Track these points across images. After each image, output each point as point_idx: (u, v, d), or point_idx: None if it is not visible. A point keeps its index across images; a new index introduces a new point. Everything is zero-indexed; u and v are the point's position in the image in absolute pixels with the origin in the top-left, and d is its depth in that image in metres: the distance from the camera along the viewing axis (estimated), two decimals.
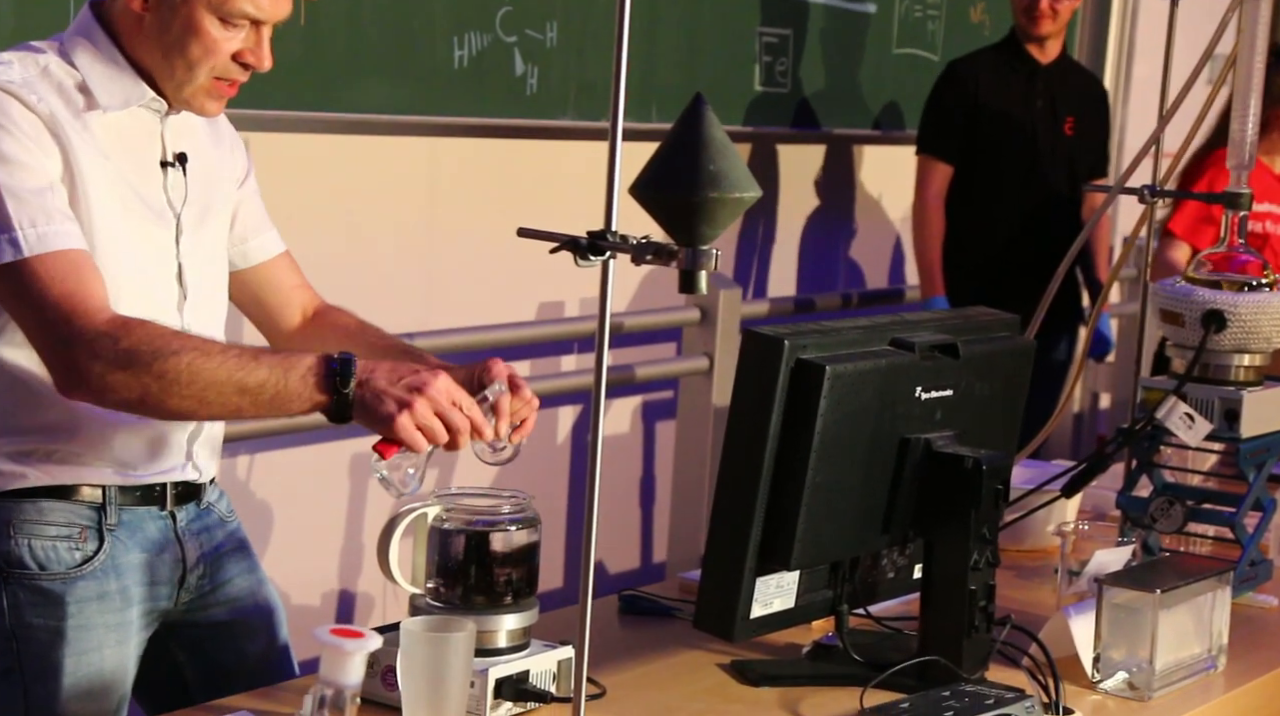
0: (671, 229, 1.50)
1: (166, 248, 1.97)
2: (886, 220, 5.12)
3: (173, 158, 1.98)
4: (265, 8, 1.90)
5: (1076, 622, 2.05)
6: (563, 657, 1.89)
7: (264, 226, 2.16)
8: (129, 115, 1.93)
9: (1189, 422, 2.35)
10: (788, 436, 1.87)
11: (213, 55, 1.89)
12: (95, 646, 1.92)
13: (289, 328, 2.17)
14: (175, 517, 2.01)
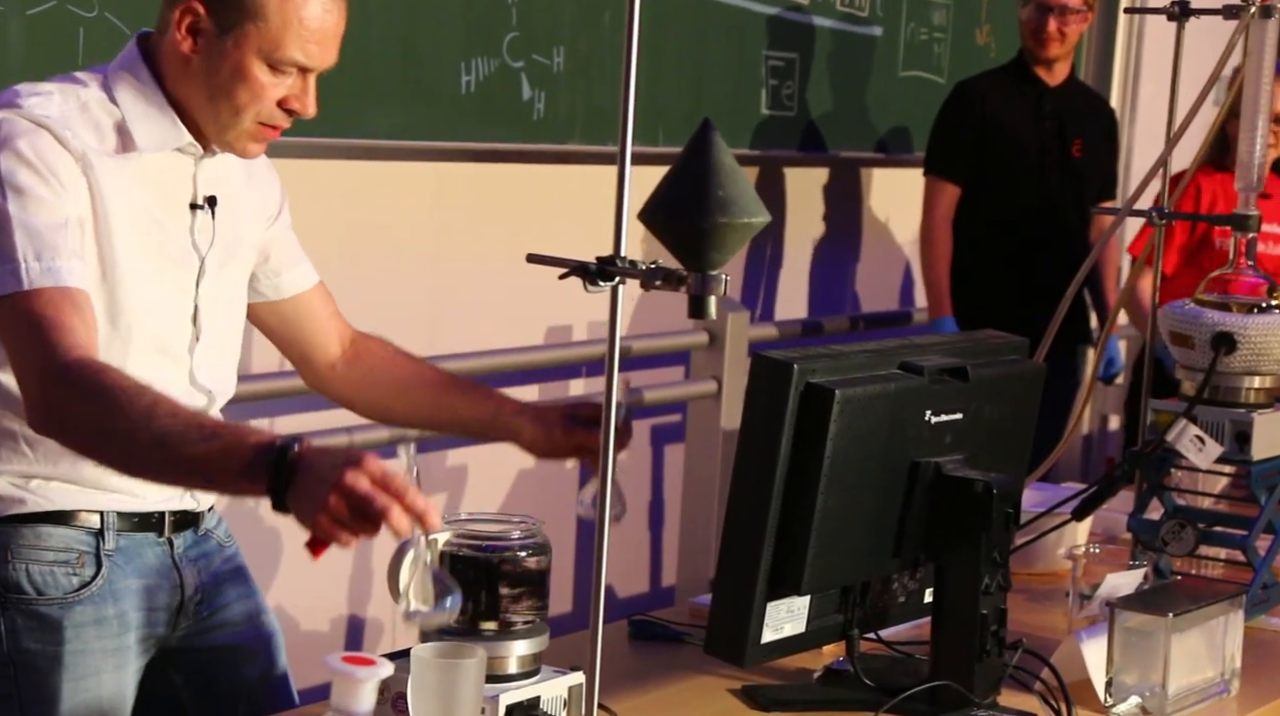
0: (680, 254, 1.50)
1: (186, 289, 1.97)
2: (894, 243, 5.12)
3: (203, 200, 1.97)
4: (315, 56, 1.89)
5: (1088, 646, 2.04)
6: (574, 683, 1.88)
7: (298, 259, 2.15)
8: (163, 156, 1.93)
9: (1200, 445, 2.34)
10: (797, 460, 1.86)
11: (259, 100, 1.89)
12: (93, 672, 1.92)
13: (328, 360, 2.17)
14: (173, 544, 2.01)
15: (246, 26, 1.86)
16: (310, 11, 1.87)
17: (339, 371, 2.16)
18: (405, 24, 3.40)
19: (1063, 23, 4.23)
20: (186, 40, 1.88)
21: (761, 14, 4.32)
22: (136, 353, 1.91)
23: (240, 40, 1.86)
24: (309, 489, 1.61)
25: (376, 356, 2.18)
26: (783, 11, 4.39)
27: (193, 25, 1.88)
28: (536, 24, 3.68)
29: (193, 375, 2.00)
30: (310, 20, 1.87)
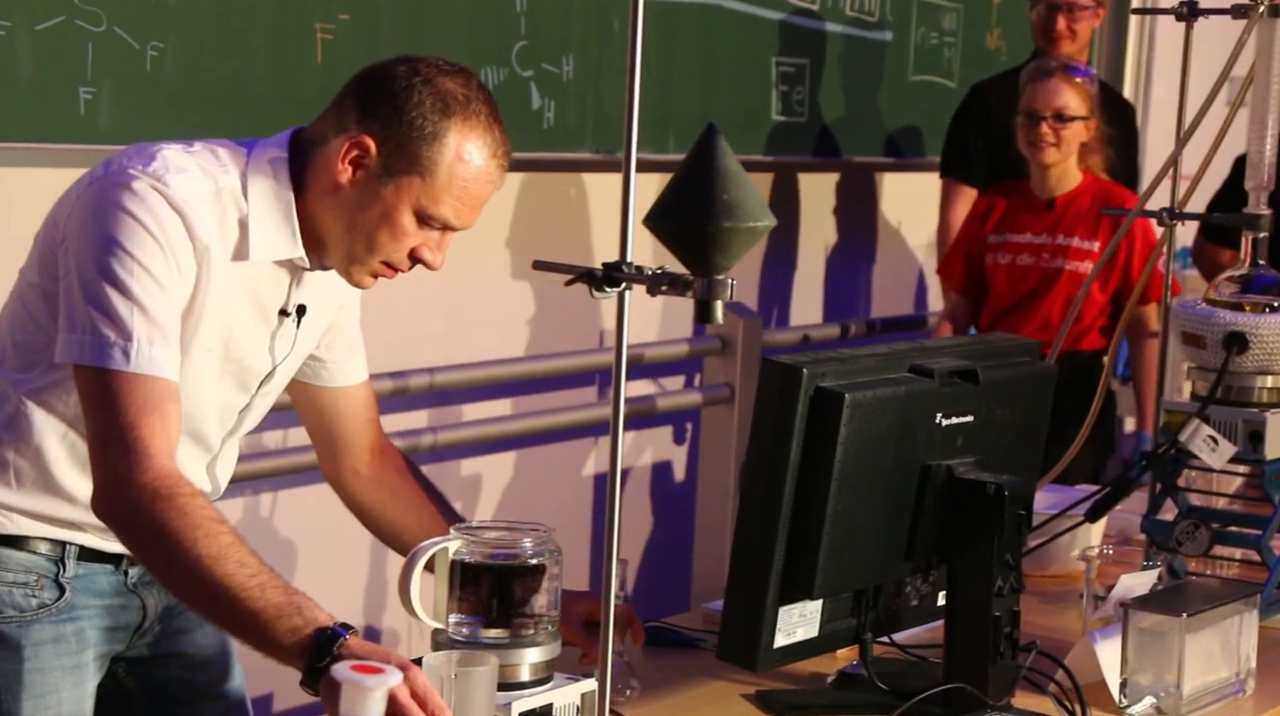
0: (686, 259, 1.50)
1: (247, 389, 1.96)
2: (907, 247, 5.12)
3: (293, 308, 1.95)
4: (463, 218, 1.88)
5: (1103, 647, 2.04)
6: (586, 690, 1.88)
7: (354, 352, 2.11)
8: (267, 263, 1.90)
9: (1213, 445, 2.33)
10: (808, 465, 1.86)
11: (397, 246, 1.87)
12: (52, 690, 1.91)
13: (352, 465, 2.12)
14: (128, 574, 2.00)
15: (412, 177, 1.83)
16: (475, 179, 1.85)
17: (362, 480, 2.12)
18: (413, 33, 3.40)
19: (1072, 20, 4.21)
20: (347, 171, 1.85)
21: (771, 20, 4.32)
22: (177, 429, 1.85)
23: (401, 188, 1.84)
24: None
25: (403, 481, 2.13)
26: (792, 17, 4.39)
27: (358, 159, 1.84)
28: (546, 33, 3.68)
29: (214, 463, 2.00)
30: (472, 187, 1.86)
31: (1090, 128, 3.89)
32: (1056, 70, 3.88)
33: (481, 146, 1.85)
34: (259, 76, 3.10)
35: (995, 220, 4.00)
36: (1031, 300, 3.91)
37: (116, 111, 2.89)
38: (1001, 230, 3.98)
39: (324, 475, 2.16)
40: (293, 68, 1.97)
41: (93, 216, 1.80)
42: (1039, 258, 3.90)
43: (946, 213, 4.29)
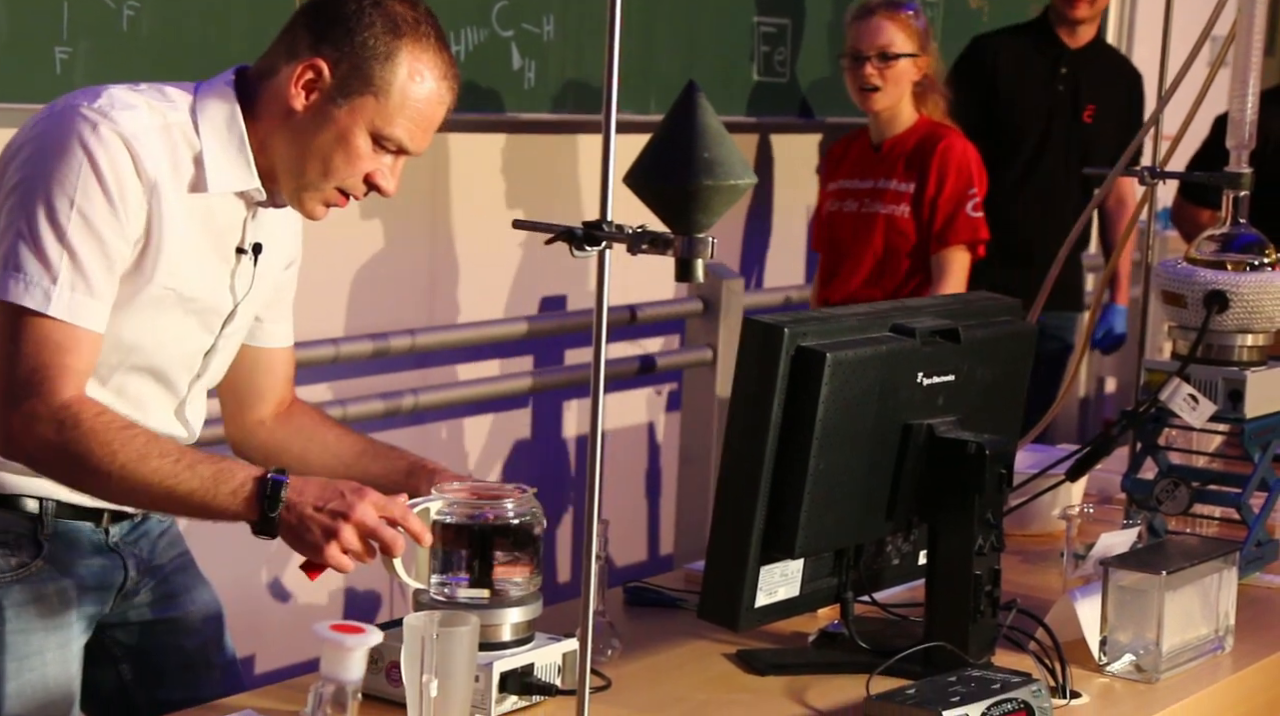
0: (667, 218, 1.49)
1: (211, 329, 1.97)
2: None
3: (249, 246, 1.96)
4: (416, 140, 1.90)
5: (1082, 606, 2.04)
6: (568, 650, 1.88)
7: (286, 314, 2.13)
8: (223, 196, 1.91)
9: (1193, 404, 2.34)
10: (789, 424, 1.86)
11: (351, 169, 1.88)
12: (36, 651, 1.92)
13: (258, 417, 2.13)
14: (109, 532, 2.00)
15: (366, 97, 1.86)
16: (428, 99, 1.88)
17: (266, 427, 2.12)
18: None
19: None
20: (300, 96, 1.87)
21: None
22: (129, 372, 1.91)
23: (355, 108, 1.86)
24: (316, 521, 1.75)
25: (306, 418, 2.15)
26: None
27: (311, 83, 1.87)
28: None
29: (183, 407, 2.00)
30: (425, 106, 1.88)
31: (921, 65, 3.71)
32: (879, 7, 3.70)
33: (433, 66, 1.88)
34: (236, 37, 3.08)
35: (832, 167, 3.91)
36: (854, 246, 3.79)
37: (92, 72, 2.86)
38: (836, 178, 3.87)
39: (228, 437, 2.14)
40: (270, 26, 1.96)
41: (40, 152, 1.80)
42: (860, 203, 3.79)
43: None
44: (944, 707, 1.72)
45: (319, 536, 1.77)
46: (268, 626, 3.56)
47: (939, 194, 3.73)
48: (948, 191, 3.72)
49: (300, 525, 1.78)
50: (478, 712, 1.79)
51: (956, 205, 3.72)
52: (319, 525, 1.77)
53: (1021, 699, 1.78)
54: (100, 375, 1.87)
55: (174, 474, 1.77)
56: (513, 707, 1.83)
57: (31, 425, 1.77)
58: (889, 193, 3.73)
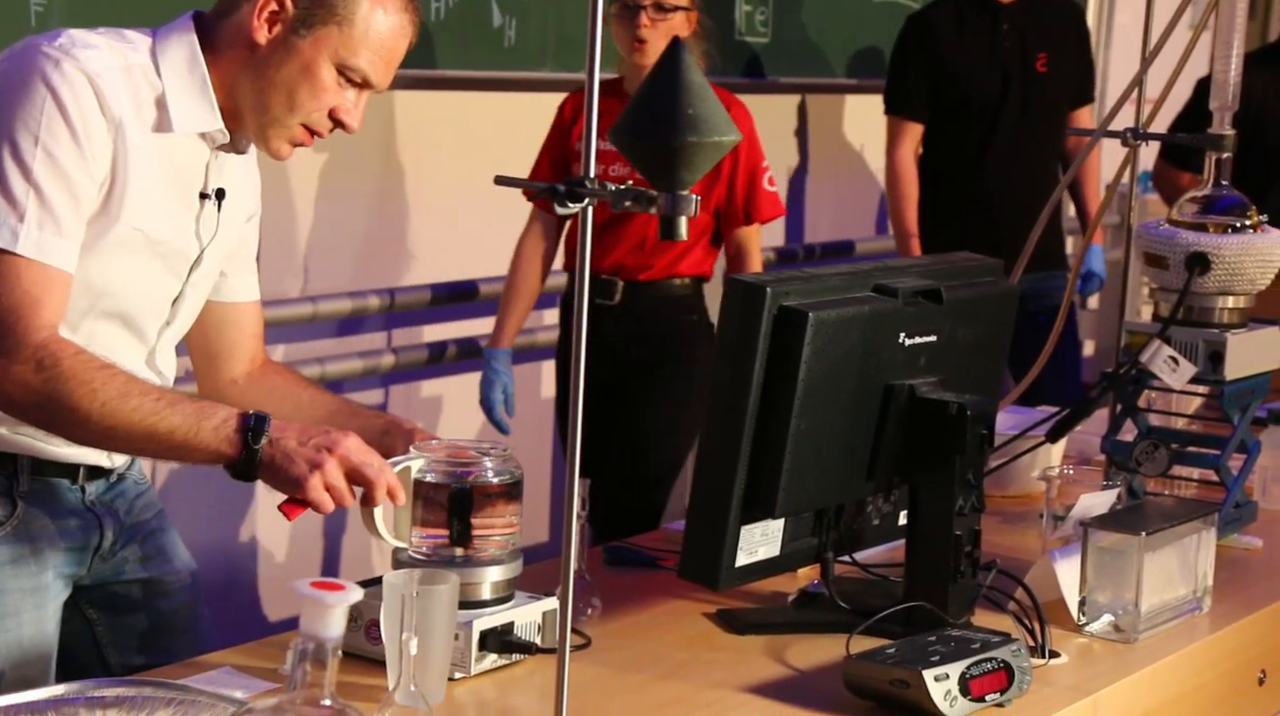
0: (650, 174, 1.48)
1: (179, 275, 1.96)
2: (868, 170, 5.10)
3: (212, 191, 1.95)
4: (380, 73, 1.90)
5: (1062, 566, 2.05)
6: (547, 609, 1.88)
7: (250, 268, 2.12)
8: (185, 139, 1.90)
9: (1173, 366, 2.34)
10: (771, 384, 1.86)
11: (316, 103, 1.88)
12: (12, 612, 1.90)
13: (230, 376, 2.12)
14: (85, 491, 1.99)
15: (330, 27, 1.86)
16: (391, 31, 1.89)
17: (239, 386, 2.11)
18: None
19: None
20: (263, 29, 1.86)
21: None
22: (98, 317, 1.89)
23: (319, 39, 1.86)
24: (300, 454, 1.75)
25: (280, 378, 2.14)
26: None
27: (274, 15, 1.87)
28: None
29: (153, 356, 1.98)
30: (388, 38, 1.89)
31: (692, 20, 3.50)
32: None
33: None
34: None
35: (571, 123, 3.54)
36: (624, 215, 3.48)
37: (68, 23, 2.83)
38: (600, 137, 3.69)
39: (201, 393, 2.13)
40: None
41: (2, 92, 1.79)
42: (632, 170, 3.35)
43: (893, 150, 4.22)
44: (924, 667, 1.72)
45: (303, 467, 1.76)
46: (242, 586, 3.55)
47: (735, 168, 3.52)
48: (743, 164, 3.52)
49: (284, 458, 1.77)
50: (457, 670, 1.79)
51: (753, 179, 3.53)
52: (303, 457, 1.77)
53: (1001, 658, 1.78)
54: (70, 321, 1.86)
55: (155, 411, 1.76)
56: (492, 666, 1.83)
57: (9, 366, 1.75)
58: None
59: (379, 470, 1.80)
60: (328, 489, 1.78)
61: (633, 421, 3.57)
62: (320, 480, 1.77)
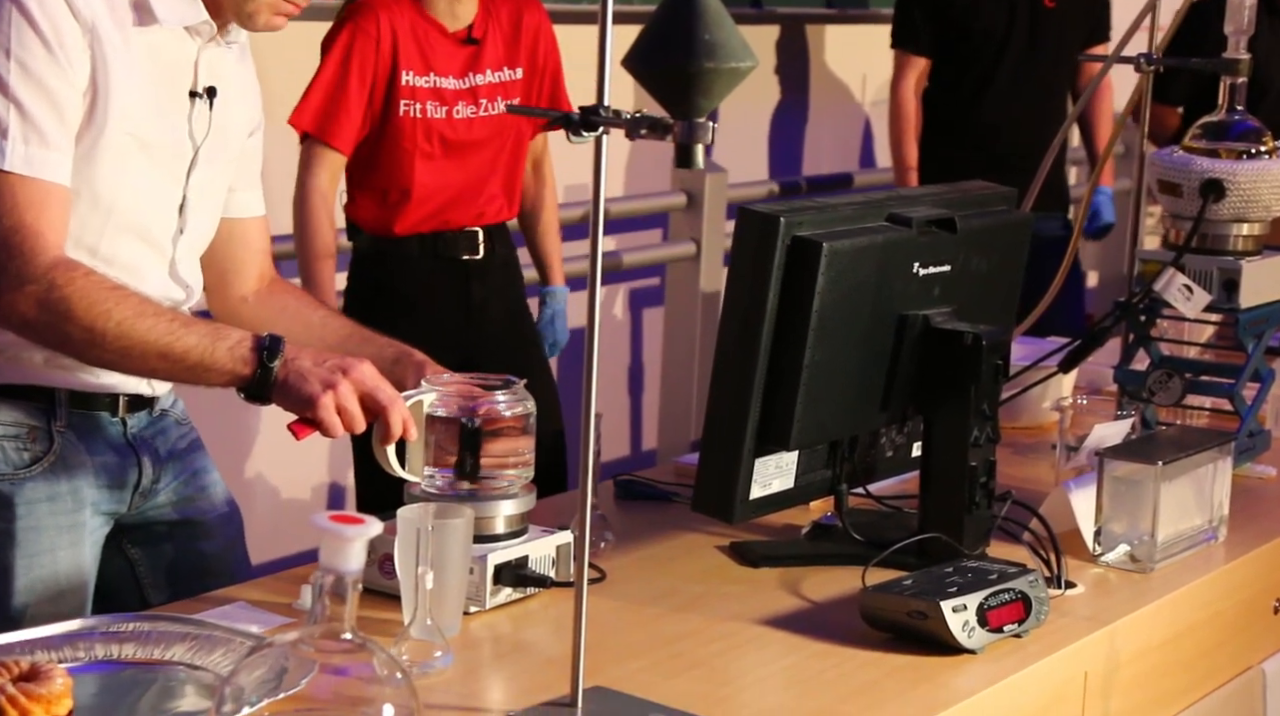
0: (666, 101, 1.46)
1: (177, 178, 1.92)
2: (853, 102, 5.05)
3: (203, 89, 1.91)
4: None
5: (1077, 497, 2.04)
6: (561, 543, 1.87)
7: (254, 183, 2.09)
8: (170, 36, 1.86)
9: (1187, 294, 2.32)
10: (785, 315, 1.84)
11: None
12: (47, 549, 1.89)
13: (240, 293, 2.09)
14: (127, 423, 1.97)
15: None
16: None
17: (250, 304, 2.09)
18: None
19: None
20: None
21: None
22: (116, 234, 1.87)
23: None
24: (314, 373, 1.74)
25: (291, 297, 2.12)
26: None
27: None
28: None
29: (174, 267, 1.95)
30: None
31: None
32: None
33: None
34: None
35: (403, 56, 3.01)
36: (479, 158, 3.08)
37: None
38: (424, 69, 3.02)
39: (212, 311, 2.11)
40: None
41: None
42: (477, 106, 3.05)
43: (897, 84, 4.20)
44: (942, 598, 1.71)
45: (316, 386, 1.75)
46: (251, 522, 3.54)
47: (555, 78, 3.17)
48: (551, 71, 3.18)
49: (298, 378, 1.76)
50: (472, 604, 1.79)
51: (556, 86, 3.20)
52: (317, 377, 1.76)
53: (1018, 589, 1.77)
54: (89, 244, 1.84)
55: (170, 331, 1.75)
56: (507, 599, 1.82)
57: (20, 287, 1.73)
58: (508, 85, 3.08)
59: (393, 399, 1.79)
60: (340, 412, 1.76)
61: None
62: (333, 401, 1.76)
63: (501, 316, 3.12)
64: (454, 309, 3.06)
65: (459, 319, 3.06)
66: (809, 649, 1.74)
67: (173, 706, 1.54)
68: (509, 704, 1.57)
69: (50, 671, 1.47)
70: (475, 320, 3.07)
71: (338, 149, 2.98)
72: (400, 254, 3.03)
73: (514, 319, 3.18)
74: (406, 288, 3.04)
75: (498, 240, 3.11)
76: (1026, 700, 1.72)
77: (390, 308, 3.00)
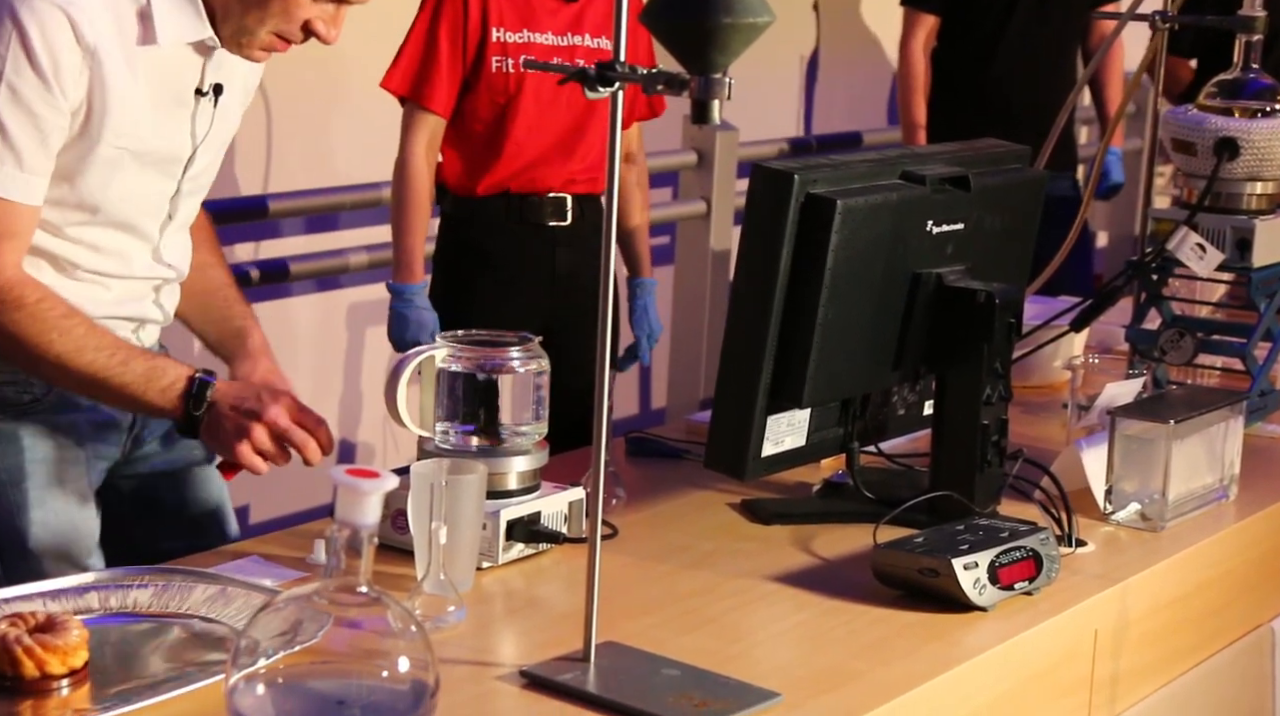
0: (682, 57, 1.45)
1: (172, 175, 1.94)
2: (866, 61, 5.03)
3: (209, 88, 1.93)
4: None
5: (1088, 455, 2.04)
6: (573, 499, 1.88)
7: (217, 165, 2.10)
8: (175, 47, 1.87)
9: (1200, 253, 2.32)
10: (798, 273, 1.84)
11: (289, 18, 1.85)
12: (57, 481, 1.94)
13: None
14: None
15: None
16: None
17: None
18: None
19: None
20: None
21: None
22: (101, 229, 1.90)
23: None
24: (230, 420, 1.80)
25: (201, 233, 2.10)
26: None
27: None
28: None
29: (159, 252, 1.98)
30: None
31: None
32: None
33: None
34: None
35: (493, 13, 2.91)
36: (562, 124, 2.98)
37: None
38: (517, 25, 2.93)
39: None
40: None
41: None
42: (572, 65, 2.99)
43: (906, 42, 4.16)
44: (953, 555, 1.72)
45: (231, 435, 1.82)
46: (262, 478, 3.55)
47: (648, 60, 3.04)
48: (645, 51, 3.03)
49: (216, 424, 1.83)
50: (484, 560, 1.79)
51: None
52: (233, 423, 1.82)
53: (1030, 547, 1.77)
54: (71, 234, 1.88)
55: (108, 367, 1.83)
56: (519, 555, 1.82)
57: None
58: (605, 54, 2.91)
59: (304, 440, 1.82)
60: (260, 453, 1.82)
61: None
62: (249, 447, 1.82)
63: (590, 285, 2.95)
64: (539, 275, 2.98)
65: (544, 285, 2.98)
66: (820, 605, 1.75)
67: (188, 658, 1.54)
68: (522, 658, 1.58)
69: (66, 623, 1.49)
70: (561, 288, 2.99)
71: (434, 111, 2.91)
72: (484, 215, 2.97)
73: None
74: (490, 250, 2.97)
75: (588, 209, 3.02)
76: (1037, 657, 1.72)
77: (474, 269, 2.96)
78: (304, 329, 3.59)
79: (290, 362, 3.56)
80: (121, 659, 1.54)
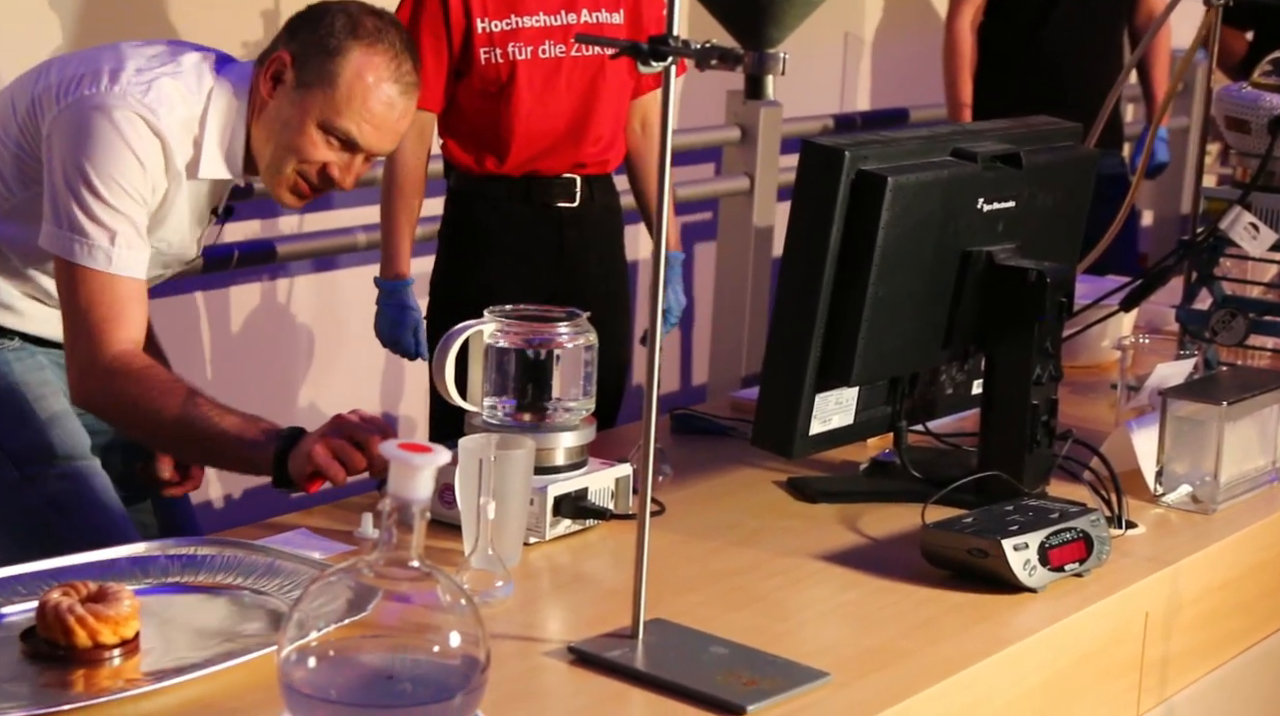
0: (736, 31, 1.44)
1: (170, 267, 2.14)
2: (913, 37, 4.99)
3: (222, 209, 2.14)
4: (368, 137, 2.00)
5: (1139, 436, 2.02)
6: (620, 475, 1.87)
7: None
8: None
9: (1254, 232, 2.29)
10: (848, 250, 1.83)
11: (304, 157, 2.00)
12: (53, 391, 2.08)
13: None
14: None
15: (315, 90, 1.99)
16: (377, 98, 1.99)
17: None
18: None
19: None
20: (267, 85, 2.01)
21: None
22: None
23: (308, 99, 1.99)
24: (311, 438, 1.83)
25: None
26: None
27: (276, 73, 2.01)
28: None
29: None
30: (374, 105, 1.99)
31: None
32: None
33: (383, 67, 1.99)
34: None
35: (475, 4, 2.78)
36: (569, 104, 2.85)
37: None
38: (502, 13, 2.79)
39: None
40: None
41: (81, 130, 1.94)
42: (568, 44, 2.82)
43: (952, 19, 4.11)
44: (1003, 536, 1.71)
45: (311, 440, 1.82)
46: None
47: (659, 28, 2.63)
48: (655, 20, 2.87)
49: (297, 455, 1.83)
50: (532, 535, 1.79)
51: None
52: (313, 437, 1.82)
53: (1080, 528, 1.76)
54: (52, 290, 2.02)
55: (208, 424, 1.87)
56: (566, 531, 1.82)
57: (92, 372, 1.92)
58: (605, 29, 2.84)
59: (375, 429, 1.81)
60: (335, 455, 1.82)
61: None
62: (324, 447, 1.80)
63: (596, 267, 2.94)
64: (545, 255, 2.94)
65: (549, 265, 2.94)
66: (868, 585, 1.74)
67: (239, 630, 1.55)
68: (569, 634, 1.58)
69: (118, 593, 1.49)
70: (567, 268, 2.91)
71: (421, 108, 2.75)
72: (491, 192, 2.90)
73: (608, 269, 2.99)
74: (497, 228, 2.91)
75: (598, 189, 2.94)
76: (1087, 639, 1.71)
77: (479, 247, 2.93)
78: (347, 300, 3.59)
79: (331, 334, 3.58)
80: (172, 630, 1.54)
